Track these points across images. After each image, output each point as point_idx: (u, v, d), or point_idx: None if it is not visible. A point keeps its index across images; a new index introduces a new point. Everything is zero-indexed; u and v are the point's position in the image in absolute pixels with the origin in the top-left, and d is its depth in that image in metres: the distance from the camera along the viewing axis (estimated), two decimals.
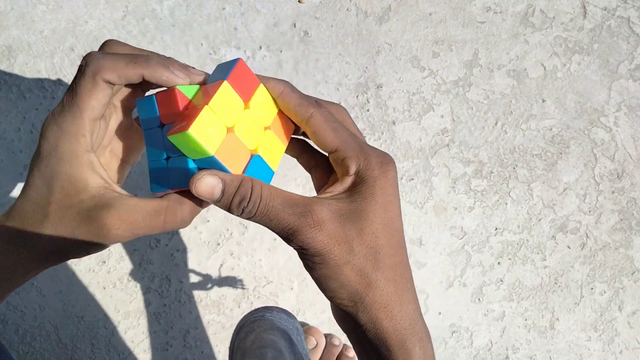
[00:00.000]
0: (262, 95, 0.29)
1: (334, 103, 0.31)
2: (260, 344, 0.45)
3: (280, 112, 0.31)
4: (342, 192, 0.28)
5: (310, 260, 0.26)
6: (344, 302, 0.27)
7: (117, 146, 0.32)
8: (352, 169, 0.28)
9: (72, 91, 0.27)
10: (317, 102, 0.29)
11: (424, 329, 0.28)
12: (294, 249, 0.27)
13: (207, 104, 0.26)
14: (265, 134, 0.30)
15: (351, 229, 0.26)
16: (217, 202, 0.27)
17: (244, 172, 0.28)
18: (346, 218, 0.26)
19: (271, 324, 0.49)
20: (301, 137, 0.33)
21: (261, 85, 0.29)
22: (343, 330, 0.30)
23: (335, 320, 0.31)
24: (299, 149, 0.34)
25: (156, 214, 0.27)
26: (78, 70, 0.28)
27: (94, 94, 0.27)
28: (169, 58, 0.30)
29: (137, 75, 0.27)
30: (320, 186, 0.32)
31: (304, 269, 0.28)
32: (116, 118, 0.32)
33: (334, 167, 0.30)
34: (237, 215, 0.27)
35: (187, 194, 0.28)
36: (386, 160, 0.28)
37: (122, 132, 0.32)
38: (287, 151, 0.33)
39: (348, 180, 0.28)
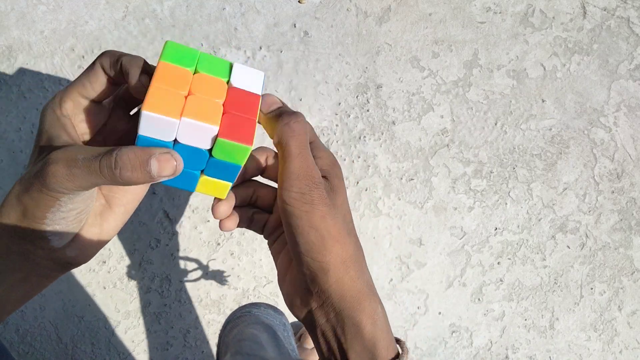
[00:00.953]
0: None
1: (293, 115, 0.32)
2: (240, 337, 0.45)
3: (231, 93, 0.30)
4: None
5: (300, 207, 0.29)
6: (318, 256, 0.29)
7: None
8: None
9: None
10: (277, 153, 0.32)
11: (378, 295, 0.31)
12: (290, 197, 0.29)
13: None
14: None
15: (335, 199, 0.30)
16: (270, 113, 0.30)
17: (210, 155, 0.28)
18: (331, 191, 0.30)
19: (256, 319, 0.50)
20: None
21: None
22: (297, 310, 0.32)
23: (286, 302, 0.33)
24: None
25: (97, 155, 0.25)
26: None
27: (89, 75, 0.29)
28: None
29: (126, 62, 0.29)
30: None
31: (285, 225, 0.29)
32: (127, 123, 0.33)
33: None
34: (279, 129, 0.29)
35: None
36: (339, 169, 0.32)
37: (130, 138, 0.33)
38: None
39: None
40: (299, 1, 0.71)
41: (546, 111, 0.77)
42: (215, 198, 0.32)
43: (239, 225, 0.34)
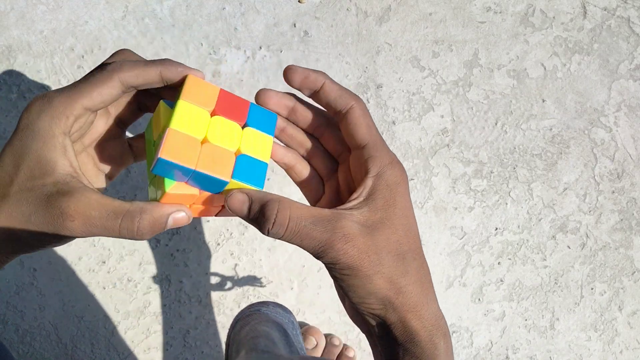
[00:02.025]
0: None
1: (360, 101, 0.31)
2: (254, 335, 0.45)
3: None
4: (363, 201, 0.28)
5: (340, 273, 0.27)
6: (373, 306, 0.27)
7: (97, 151, 0.32)
8: (374, 171, 0.28)
9: (83, 78, 0.28)
10: (356, 96, 0.30)
11: (445, 324, 0.29)
12: (324, 263, 0.27)
13: (169, 126, 0.27)
14: (246, 131, 0.30)
15: (378, 239, 0.27)
16: (247, 219, 0.27)
17: (232, 174, 0.28)
18: (373, 229, 0.27)
19: (266, 317, 0.50)
20: (294, 150, 0.34)
21: (219, 88, 0.30)
22: (364, 330, 0.30)
23: (352, 321, 0.31)
24: (292, 160, 0.34)
25: (114, 215, 0.26)
26: (98, 66, 0.28)
27: (101, 87, 0.27)
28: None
29: (156, 74, 0.28)
30: (314, 199, 0.33)
31: (307, 262, 0.28)
32: (105, 124, 0.31)
33: (352, 167, 0.31)
34: (269, 236, 0.27)
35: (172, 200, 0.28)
36: (402, 172, 0.29)
37: (106, 139, 0.32)
38: (279, 163, 0.34)
39: (369, 183, 0.28)
40: (299, 1, 0.71)
41: (546, 111, 0.77)
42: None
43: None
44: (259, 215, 0.26)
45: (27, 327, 0.70)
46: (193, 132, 0.27)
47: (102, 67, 0.28)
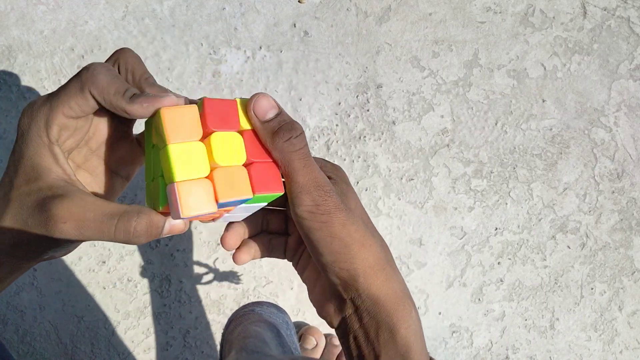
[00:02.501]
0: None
1: (292, 130, 0.29)
2: (244, 335, 0.45)
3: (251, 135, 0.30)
4: None
5: (317, 219, 0.28)
6: (345, 264, 0.28)
7: (106, 153, 0.32)
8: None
9: (63, 85, 0.28)
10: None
11: (410, 294, 0.30)
12: (304, 210, 0.28)
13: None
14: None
15: (348, 203, 0.30)
16: (266, 124, 0.28)
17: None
18: (343, 194, 0.30)
19: (259, 317, 0.50)
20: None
21: (195, 107, 0.28)
22: (331, 320, 0.31)
23: (320, 314, 0.32)
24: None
25: (110, 217, 0.25)
26: (79, 70, 0.28)
27: (76, 97, 0.27)
28: (165, 91, 0.29)
29: (120, 110, 0.27)
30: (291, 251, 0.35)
31: (304, 236, 0.29)
32: (109, 126, 0.31)
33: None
34: (279, 146, 0.27)
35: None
36: (339, 167, 0.32)
37: (114, 141, 0.31)
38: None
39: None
40: (299, 1, 0.71)
41: (546, 111, 0.77)
42: (224, 231, 0.32)
43: (261, 256, 0.34)
44: (285, 123, 0.28)
45: (27, 327, 0.70)
46: (199, 172, 0.26)
47: (79, 73, 0.28)
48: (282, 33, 0.71)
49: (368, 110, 0.73)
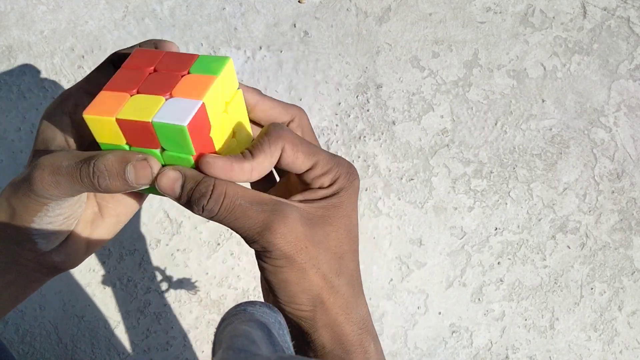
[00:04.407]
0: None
1: (292, 107, 0.30)
2: (233, 334, 0.45)
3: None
4: (310, 199, 0.27)
5: (272, 263, 0.26)
6: (303, 307, 0.27)
7: None
8: (327, 183, 0.27)
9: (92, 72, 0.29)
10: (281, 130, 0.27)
11: (374, 329, 0.29)
12: (256, 249, 0.26)
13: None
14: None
15: (318, 233, 0.26)
16: (179, 200, 0.25)
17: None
18: (314, 222, 0.26)
19: (250, 316, 0.49)
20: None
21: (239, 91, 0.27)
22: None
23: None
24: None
25: (80, 162, 0.25)
26: (102, 62, 0.29)
27: (98, 70, 0.28)
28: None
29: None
30: (264, 189, 0.32)
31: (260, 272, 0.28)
32: None
33: (300, 180, 0.29)
34: (200, 215, 0.24)
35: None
36: (351, 169, 0.28)
37: None
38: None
39: (322, 193, 0.27)
40: (299, 1, 0.71)
41: (546, 111, 0.77)
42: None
43: None
44: (193, 192, 0.24)
45: (28, 327, 0.70)
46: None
47: (106, 62, 0.29)
48: (282, 33, 0.71)
49: (368, 111, 0.73)
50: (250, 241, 0.26)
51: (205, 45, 0.69)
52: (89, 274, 0.69)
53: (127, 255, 0.70)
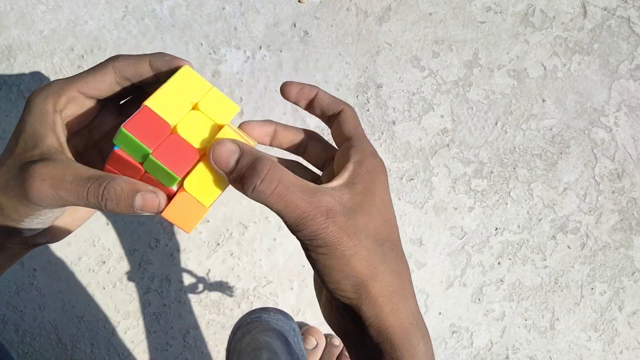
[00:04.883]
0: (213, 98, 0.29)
1: (350, 106, 0.33)
2: (255, 346, 0.45)
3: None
4: (344, 183, 0.28)
5: (316, 251, 0.26)
6: (348, 294, 0.26)
7: (106, 147, 0.33)
8: (356, 157, 0.28)
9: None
10: (346, 102, 0.32)
11: (424, 325, 0.28)
12: (300, 238, 0.26)
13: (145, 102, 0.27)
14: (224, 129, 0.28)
15: (358, 221, 0.26)
16: (230, 175, 0.26)
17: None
18: (352, 211, 0.27)
19: (267, 325, 0.49)
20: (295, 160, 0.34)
21: (210, 86, 0.29)
22: (337, 331, 0.30)
23: (327, 322, 0.31)
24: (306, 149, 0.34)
25: (86, 180, 0.25)
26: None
27: (95, 74, 0.28)
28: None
29: (146, 63, 0.29)
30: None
31: (307, 262, 0.28)
32: (115, 119, 0.32)
33: (335, 161, 0.31)
34: (249, 195, 0.25)
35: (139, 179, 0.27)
36: (382, 164, 0.29)
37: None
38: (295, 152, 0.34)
39: (350, 167, 0.28)
40: (299, 1, 0.71)
41: (547, 111, 0.77)
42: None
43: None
44: (248, 169, 0.25)
45: (27, 327, 0.70)
46: (166, 116, 0.27)
47: (105, 60, 0.30)
48: (282, 33, 0.71)
49: (368, 110, 0.73)
50: (294, 229, 0.26)
51: (205, 45, 0.69)
52: (89, 274, 0.69)
53: (127, 255, 0.70)
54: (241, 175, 0.25)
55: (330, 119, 0.32)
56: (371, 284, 0.26)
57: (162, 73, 0.29)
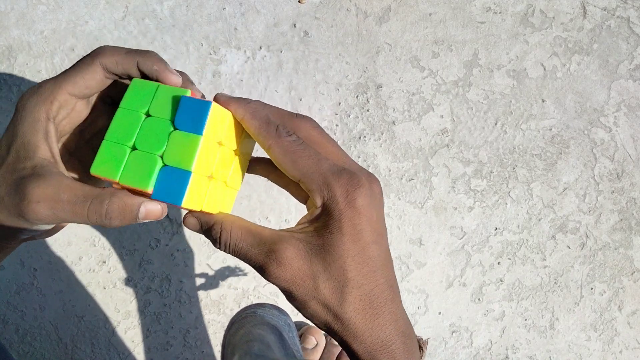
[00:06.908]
0: (229, 127, 0.29)
1: (303, 118, 0.30)
2: (248, 338, 0.45)
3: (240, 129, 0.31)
4: (311, 224, 0.27)
5: (282, 293, 0.28)
6: (319, 326, 0.28)
7: (98, 145, 0.32)
8: (318, 202, 0.27)
9: (71, 66, 0.28)
10: (278, 129, 0.28)
11: (401, 348, 0.27)
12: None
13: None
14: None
15: (317, 264, 0.26)
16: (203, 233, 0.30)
17: (152, 191, 0.27)
18: (313, 254, 0.26)
19: (261, 319, 0.50)
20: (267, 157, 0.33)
21: (229, 114, 0.29)
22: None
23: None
24: (267, 168, 0.33)
25: (83, 199, 0.25)
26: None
27: (84, 73, 0.28)
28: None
29: (133, 63, 0.28)
30: (304, 199, 0.32)
31: None
32: (105, 117, 0.32)
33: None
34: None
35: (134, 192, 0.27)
36: (353, 186, 0.27)
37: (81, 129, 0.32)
38: (255, 172, 0.34)
39: (315, 212, 0.27)
40: (299, 1, 0.71)
41: (546, 111, 0.77)
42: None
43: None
44: (207, 235, 0.29)
45: (28, 327, 0.70)
46: (207, 172, 0.29)
47: (88, 54, 0.29)
48: (282, 33, 0.71)
49: (368, 111, 0.73)
50: (260, 274, 0.28)
51: (205, 46, 0.69)
52: (89, 274, 0.69)
53: (127, 255, 0.70)
54: (208, 237, 0.29)
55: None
56: (333, 324, 0.27)
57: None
